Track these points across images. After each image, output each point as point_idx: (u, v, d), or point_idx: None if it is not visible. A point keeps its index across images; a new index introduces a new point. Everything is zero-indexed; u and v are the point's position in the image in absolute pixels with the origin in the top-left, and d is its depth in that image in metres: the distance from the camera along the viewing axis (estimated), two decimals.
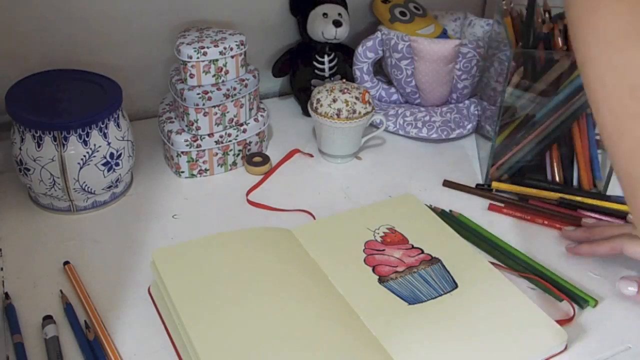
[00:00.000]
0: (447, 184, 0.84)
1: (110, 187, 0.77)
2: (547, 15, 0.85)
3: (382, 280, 0.66)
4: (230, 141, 0.84)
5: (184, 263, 0.64)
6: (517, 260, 0.71)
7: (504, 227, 0.77)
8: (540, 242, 0.75)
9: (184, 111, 0.81)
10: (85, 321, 0.62)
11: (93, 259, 0.70)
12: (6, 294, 0.65)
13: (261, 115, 0.87)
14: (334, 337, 0.58)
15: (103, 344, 0.59)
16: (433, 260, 0.69)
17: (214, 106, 0.81)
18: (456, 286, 0.66)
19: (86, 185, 0.74)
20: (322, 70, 0.99)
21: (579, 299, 0.67)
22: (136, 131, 0.81)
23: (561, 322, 0.63)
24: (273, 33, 1.00)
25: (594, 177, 0.84)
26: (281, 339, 0.57)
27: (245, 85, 0.82)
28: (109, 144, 0.74)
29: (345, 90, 0.86)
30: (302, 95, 1.00)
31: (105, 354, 0.58)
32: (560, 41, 0.80)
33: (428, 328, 0.61)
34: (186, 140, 0.81)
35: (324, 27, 0.94)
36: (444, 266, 0.68)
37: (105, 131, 0.74)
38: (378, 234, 0.72)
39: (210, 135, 0.82)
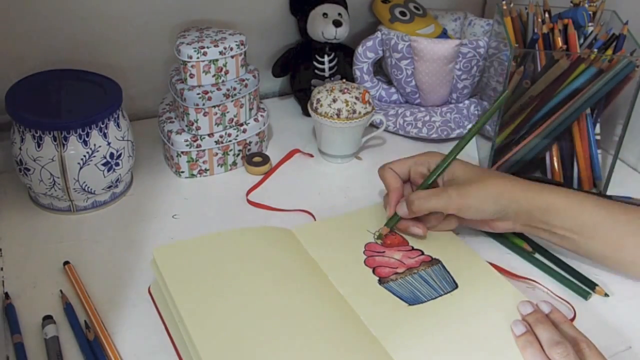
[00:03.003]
0: None
1: (110, 187, 0.77)
2: (547, 15, 0.85)
3: (382, 281, 0.66)
4: (230, 141, 0.84)
5: (184, 261, 0.64)
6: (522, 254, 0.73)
7: None
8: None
9: (184, 111, 0.81)
10: (85, 321, 0.62)
11: (93, 259, 0.70)
12: (6, 294, 0.65)
13: (261, 115, 0.87)
14: (335, 336, 0.58)
15: (103, 344, 0.59)
16: (433, 262, 0.69)
17: (214, 106, 0.81)
18: (456, 286, 0.66)
19: (86, 185, 0.74)
20: (322, 70, 0.99)
21: (585, 286, 0.69)
22: (136, 131, 0.81)
23: None
24: (273, 33, 1.00)
25: (594, 177, 0.84)
26: (281, 338, 0.57)
27: (245, 85, 0.82)
28: (109, 144, 0.74)
29: (345, 90, 0.86)
30: (302, 95, 1.00)
31: (105, 354, 0.58)
32: (560, 41, 0.80)
33: (428, 328, 0.61)
34: (186, 140, 0.81)
35: (324, 27, 0.94)
36: (444, 267, 0.68)
37: (105, 131, 0.74)
38: (378, 236, 0.72)
39: (210, 135, 0.82)
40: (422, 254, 0.70)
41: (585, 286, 0.68)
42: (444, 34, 0.99)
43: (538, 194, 0.67)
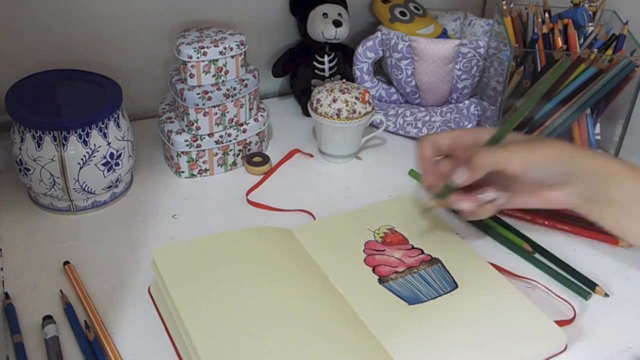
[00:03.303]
0: None
1: (110, 187, 0.77)
2: (547, 15, 0.85)
3: (382, 280, 0.66)
4: (230, 141, 0.84)
5: (184, 262, 0.64)
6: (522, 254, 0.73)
7: None
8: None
9: (184, 111, 0.81)
10: (85, 321, 0.62)
11: (93, 259, 0.70)
12: (6, 294, 0.65)
13: (261, 115, 0.87)
14: (335, 336, 0.58)
15: (103, 344, 0.59)
16: (433, 261, 0.69)
17: (214, 106, 0.81)
18: (456, 286, 0.66)
19: (86, 185, 0.74)
20: (322, 70, 0.99)
21: (585, 286, 0.68)
22: (136, 131, 0.81)
23: (562, 323, 0.63)
24: (273, 33, 1.00)
25: None
26: (281, 338, 0.57)
27: (245, 85, 0.82)
28: (109, 144, 0.74)
29: (345, 90, 0.86)
30: (302, 95, 1.00)
31: (105, 354, 0.58)
32: (560, 41, 0.80)
33: (428, 328, 0.61)
34: (186, 140, 0.81)
35: (324, 27, 0.94)
36: (444, 266, 0.68)
37: (105, 131, 0.74)
38: (378, 234, 0.72)
39: (210, 135, 0.82)
40: (422, 253, 0.70)
41: (585, 286, 0.68)
42: (444, 34, 1.00)
43: (597, 157, 0.63)
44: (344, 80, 0.90)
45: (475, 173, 0.64)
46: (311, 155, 0.90)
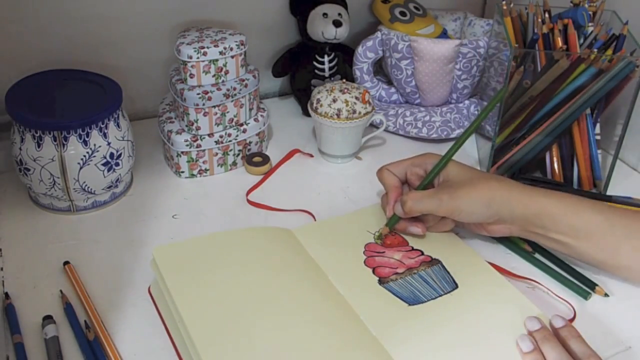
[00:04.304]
0: None
1: (110, 187, 0.77)
2: (547, 15, 0.85)
3: (382, 281, 0.66)
4: (230, 141, 0.84)
5: (184, 261, 0.64)
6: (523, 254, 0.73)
7: None
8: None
9: (184, 111, 0.81)
10: (85, 321, 0.62)
11: (93, 259, 0.70)
12: (6, 294, 0.65)
13: (261, 115, 0.87)
14: (335, 336, 0.58)
15: (103, 344, 0.59)
16: (433, 262, 0.69)
17: (214, 106, 0.81)
18: (456, 286, 0.66)
19: (86, 185, 0.74)
20: (322, 70, 0.99)
21: (585, 286, 0.68)
22: (136, 131, 0.81)
23: None
24: (273, 33, 1.00)
25: (594, 177, 0.84)
26: (281, 338, 0.57)
27: (245, 85, 0.82)
28: (109, 144, 0.74)
29: (345, 90, 0.86)
30: (302, 95, 1.00)
31: (105, 354, 0.58)
32: (560, 41, 0.80)
33: (428, 328, 0.61)
34: (186, 140, 0.81)
35: (324, 27, 0.94)
36: (444, 267, 0.68)
37: (105, 131, 0.74)
38: (378, 236, 0.72)
39: (210, 135, 0.82)
40: (422, 254, 0.70)
41: (585, 286, 0.68)
42: (444, 34, 0.99)
43: (532, 199, 0.67)
44: (344, 80, 0.90)
45: (407, 216, 0.70)
46: (311, 155, 0.90)
